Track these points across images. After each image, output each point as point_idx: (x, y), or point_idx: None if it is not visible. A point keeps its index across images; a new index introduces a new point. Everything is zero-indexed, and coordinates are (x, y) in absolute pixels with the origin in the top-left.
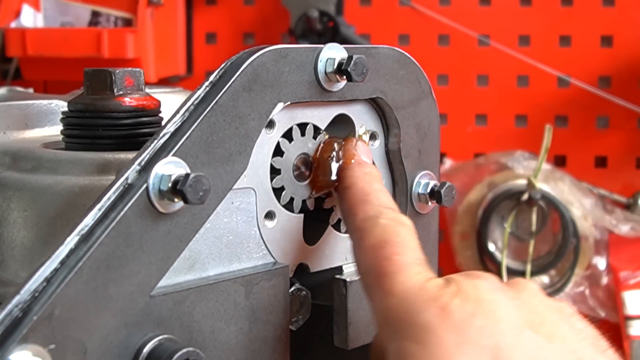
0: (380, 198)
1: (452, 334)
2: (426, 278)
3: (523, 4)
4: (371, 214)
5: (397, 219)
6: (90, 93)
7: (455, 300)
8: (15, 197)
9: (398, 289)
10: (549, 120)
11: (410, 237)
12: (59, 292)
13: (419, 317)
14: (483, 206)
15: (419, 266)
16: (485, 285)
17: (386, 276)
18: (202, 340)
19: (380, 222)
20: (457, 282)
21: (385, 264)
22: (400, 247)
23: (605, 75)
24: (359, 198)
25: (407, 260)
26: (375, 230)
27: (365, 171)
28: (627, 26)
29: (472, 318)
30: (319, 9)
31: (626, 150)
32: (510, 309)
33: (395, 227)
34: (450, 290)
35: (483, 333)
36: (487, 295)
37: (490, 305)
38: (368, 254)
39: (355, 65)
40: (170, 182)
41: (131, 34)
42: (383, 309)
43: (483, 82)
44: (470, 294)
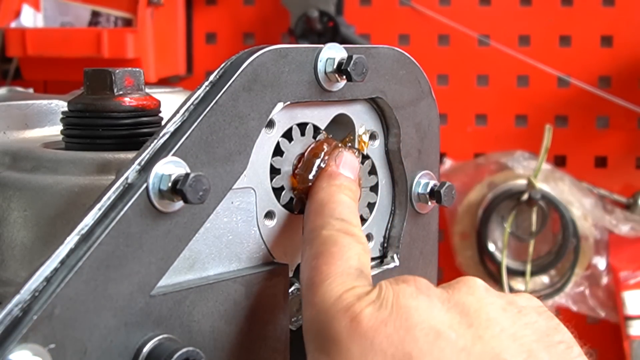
0: (335, 209)
1: (358, 344)
2: (346, 288)
3: (523, 4)
4: (317, 225)
5: (343, 229)
6: (90, 93)
7: (368, 309)
8: (15, 197)
9: (317, 301)
10: (549, 120)
11: (351, 247)
12: (59, 292)
13: (330, 329)
14: (483, 206)
15: (347, 276)
16: (408, 290)
17: (311, 287)
18: (202, 340)
19: (322, 233)
20: (379, 290)
21: (313, 274)
22: (332, 257)
23: (605, 75)
24: (314, 209)
25: (334, 271)
26: (315, 242)
27: (333, 183)
28: (627, 26)
29: (382, 326)
30: (319, 9)
31: (626, 150)
32: (430, 313)
33: (335, 238)
34: (368, 298)
35: (391, 341)
36: (406, 300)
37: (406, 311)
38: (304, 266)
39: (355, 65)
40: (170, 182)
41: (131, 34)
42: (306, 320)
43: (483, 82)
44: (388, 302)
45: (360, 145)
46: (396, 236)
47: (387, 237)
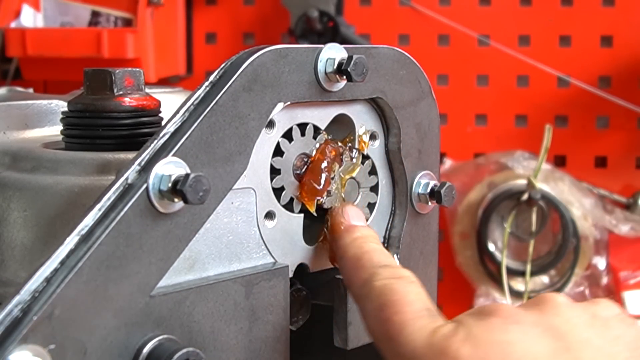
0: (373, 259)
1: None
2: (431, 330)
3: (523, 4)
4: (365, 278)
5: (392, 275)
6: (90, 93)
7: (464, 349)
8: (15, 197)
9: (405, 350)
10: (549, 120)
11: (409, 290)
12: (59, 292)
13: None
14: (483, 206)
15: (422, 319)
16: (497, 324)
17: (391, 340)
18: (202, 340)
19: (374, 285)
20: (465, 326)
21: (388, 327)
22: (398, 305)
23: (605, 75)
24: (352, 265)
25: (407, 317)
26: (372, 295)
27: (354, 236)
28: (627, 26)
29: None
30: (319, 9)
31: (626, 150)
32: (527, 344)
33: (391, 286)
34: (459, 337)
35: None
36: (500, 335)
37: (503, 347)
38: (371, 321)
39: (355, 65)
40: (170, 182)
41: (131, 34)
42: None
43: (483, 82)
44: (481, 338)
45: (361, 145)
46: (396, 236)
47: (388, 237)
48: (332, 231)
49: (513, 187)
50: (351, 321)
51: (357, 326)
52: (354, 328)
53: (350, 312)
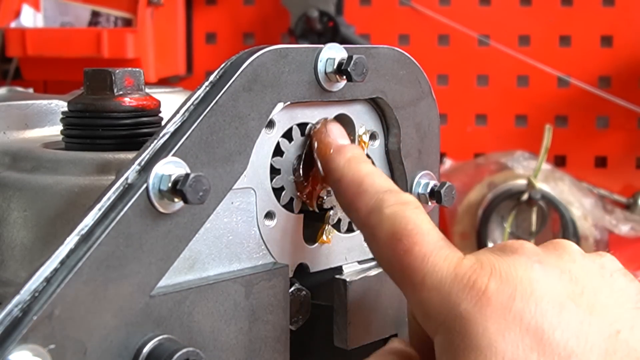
0: (375, 183)
1: (493, 321)
2: (456, 262)
3: (523, 4)
4: (371, 205)
5: (399, 201)
6: (90, 93)
7: (491, 283)
8: (15, 197)
9: (430, 282)
10: (549, 120)
11: (422, 218)
12: (59, 292)
13: (459, 308)
14: (483, 206)
15: (442, 249)
16: (522, 261)
17: (413, 270)
18: (202, 340)
19: (385, 212)
20: (490, 262)
21: (408, 258)
22: (415, 235)
23: (605, 75)
24: (354, 191)
25: (429, 248)
26: (384, 224)
27: (347, 157)
28: (627, 26)
29: (511, 301)
30: (319, 9)
31: (626, 150)
32: (550, 283)
33: (403, 213)
34: (485, 272)
35: (524, 316)
36: (524, 272)
37: (528, 284)
38: (385, 250)
39: (355, 65)
40: (170, 182)
41: (131, 34)
42: (420, 302)
43: (483, 82)
44: (506, 274)
45: (360, 145)
46: None
47: None
48: (320, 153)
49: (513, 187)
50: (351, 321)
51: (357, 326)
52: (354, 328)
53: (350, 312)
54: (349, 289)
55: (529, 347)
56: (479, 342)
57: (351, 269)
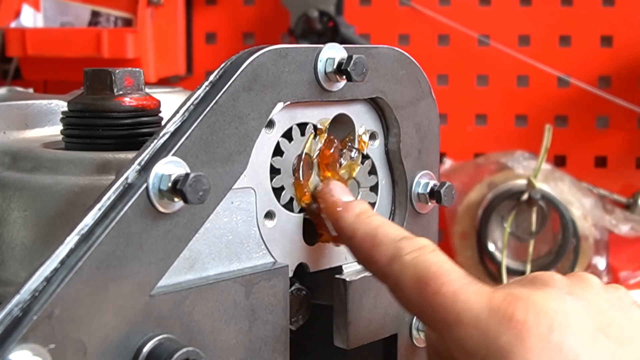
0: (389, 233)
1: (534, 353)
2: (488, 296)
3: (523, 4)
4: (390, 255)
5: (416, 247)
6: (90, 93)
7: (529, 315)
8: (15, 197)
9: (466, 318)
10: (549, 120)
11: (441, 258)
12: (59, 292)
13: (499, 341)
14: (483, 206)
15: (470, 285)
16: (554, 294)
17: (446, 310)
18: (202, 340)
19: (405, 260)
20: (524, 294)
21: (439, 299)
22: (440, 276)
23: (605, 75)
24: (369, 244)
25: (456, 285)
26: (406, 271)
27: (356, 213)
28: (627, 26)
29: (549, 333)
30: (319, 9)
31: (626, 150)
32: (581, 315)
33: (423, 257)
34: (520, 304)
35: (563, 348)
36: (559, 304)
37: (563, 316)
38: (413, 296)
39: (355, 65)
40: (170, 182)
41: (131, 34)
42: (457, 340)
43: (483, 82)
44: (542, 306)
45: (360, 145)
46: None
47: None
48: (328, 212)
49: (513, 187)
50: (351, 321)
51: (357, 326)
52: (354, 328)
53: (350, 312)
54: (349, 289)
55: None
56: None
57: (351, 269)
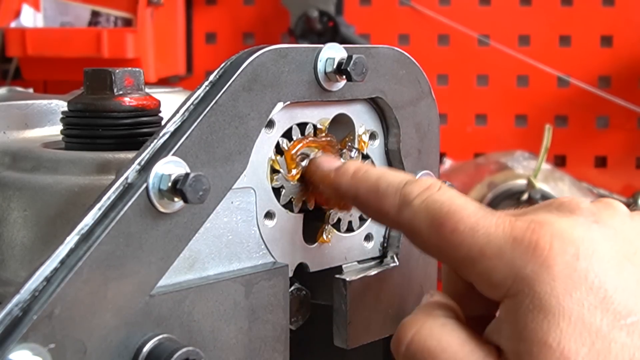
0: (390, 182)
1: (559, 280)
2: (509, 226)
3: (523, 4)
4: (398, 203)
5: (422, 188)
6: (90, 93)
7: (555, 243)
8: (15, 196)
9: (490, 251)
10: (548, 120)
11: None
12: (59, 292)
13: (525, 270)
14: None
15: (487, 217)
16: (580, 221)
17: (468, 246)
18: (202, 340)
19: (414, 204)
20: (549, 221)
21: (457, 237)
22: (455, 213)
23: (605, 75)
24: (374, 197)
25: (474, 220)
26: (419, 215)
27: (351, 172)
28: (627, 26)
29: (575, 260)
30: (319, 9)
31: (626, 150)
32: (607, 243)
33: (431, 198)
34: (545, 232)
35: (588, 275)
36: (585, 232)
37: (589, 244)
38: (431, 239)
39: (355, 65)
40: (170, 182)
41: (131, 34)
42: (482, 273)
43: (483, 82)
44: (568, 234)
45: (360, 145)
46: (396, 236)
47: (387, 237)
48: (325, 184)
49: (513, 187)
50: (351, 321)
51: (357, 326)
52: (354, 328)
53: (350, 311)
54: (349, 288)
55: (593, 305)
56: (547, 301)
57: (351, 268)
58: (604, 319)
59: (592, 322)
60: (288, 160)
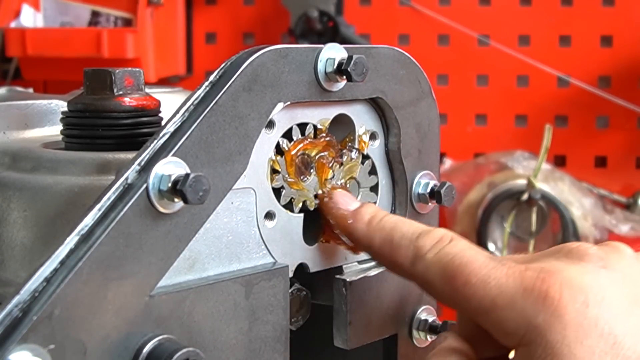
0: (404, 234)
1: (571, 328)
2: (519, 276)
3: (523, 4)
4: (412, 256)
5: (434, 241)
6: (90, 93)
7: (564, 292)
8: (15, 197)
9: (501, 302)
10: (548, 120)
11: (460, 247)
12: (58, 292)
13: (536, 320)
14: (483, 206)
15: (498, 268)
16: (589, 268)
17: (480, 298)
18: (202, 340)
19: (427, 258)
20: (558, 270)
21: (470, 289)
22: (466, 266)
23: (605, 75)
24: (388, 249)
25: (485, 272)
26: (432, 269)
27: (366, 220)
28: (627, 26)
29: (585, 308)
30: (319, 9)
31: (626, 150)
32: (616, 289)
33: (444, 251)
34: (554, 281)
35: (599, 322)
36: (593, 279)
37: (598, 290)
38: (444, 291)
39: (355, 65)
40: (170, 182)
41: (131, 34)
42: (495, 323)
43: (483, 82)
44: (576, 282)
45: (360, 145)
46: None
47: None
48: (340, 227)
49: (513, 187)
50: (351, 321)
51: (357, 326)
52: (354, 328)
53: (350, 312)
54: (349, 289)
55: (604, 352)
56: (559, 350)
57: (351, 269)
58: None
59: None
60: (288, 161)
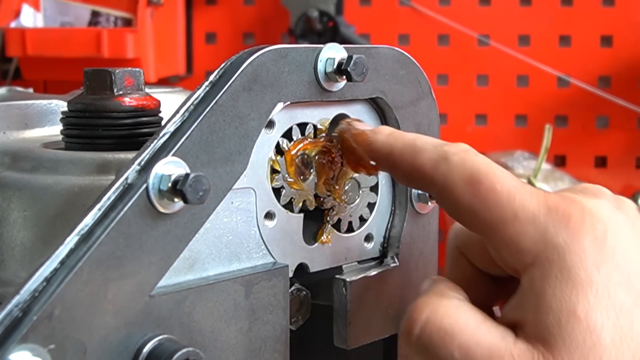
0: (428, 141)
1: (589, 253)
2: (544, 197)
3: (523, 4)
4: (436, 158)
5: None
6: (90, 93)
7: (586, 217)
8: (15, 197)
9: (524, 216)
10: (548, 120)
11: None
12: (58, 292)
13: (557, 239)
14: None
15: (524, 186)
16: (605, 205)
17: (502, 207)
18: (202, 340)
19: (453, 159)
20: (580, 199)
21: (493, 196)
22: (494, 174)
23: (605, 75)
24: (410, 153)
25: (512, 185)
26: (456, 170)
27: (387, 132)
28: (627, 26)
29: (604, 237)
30: (318, 9)
31: (626, 150)
32: (629, 229)
33: (472, 158)
34: (577, 207)
35: (615, 253)
36: (610, 214)
37: (616, 225)
38: (465, 195)
39: (355, 65)
40: (170, 182)
41: (131, 34)
42: (512, 237)
43: (483, 82)
44: (596, 213)
45: None
46: (396, 236)
47: (387, 237)
48: (358, 141)
49: None
50: (351, 321)
51: (357, 326)
52: (354, 328)
53: (350, 312)
54: (349, 289)
55: (619, 282)
56: (577, 273)
57: (351, 269)
58: (628, 296)
59: (617, 298)
60: (288, 161)
